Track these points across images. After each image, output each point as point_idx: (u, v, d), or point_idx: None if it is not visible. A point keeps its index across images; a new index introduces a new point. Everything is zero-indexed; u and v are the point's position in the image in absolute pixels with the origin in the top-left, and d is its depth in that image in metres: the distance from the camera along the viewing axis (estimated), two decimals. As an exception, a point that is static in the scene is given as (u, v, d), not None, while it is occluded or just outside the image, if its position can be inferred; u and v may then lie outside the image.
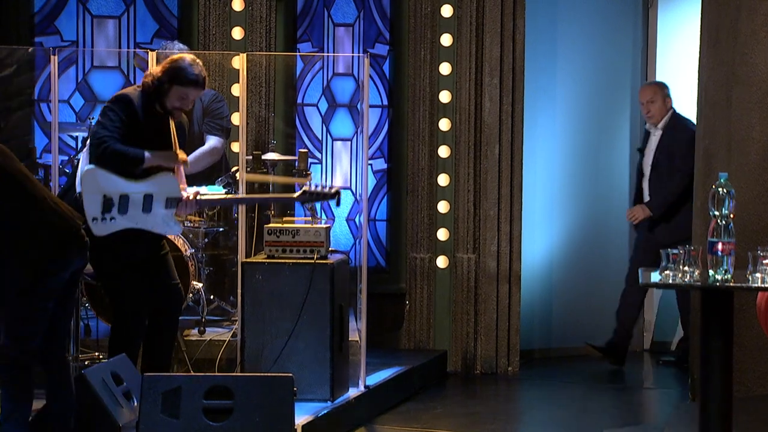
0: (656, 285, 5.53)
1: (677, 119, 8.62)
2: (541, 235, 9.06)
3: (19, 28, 8.96)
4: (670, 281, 5.40)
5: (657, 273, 5.48)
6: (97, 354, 7.52)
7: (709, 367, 5.40)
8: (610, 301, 9.19)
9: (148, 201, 6.46)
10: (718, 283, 5.31)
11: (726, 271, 5.32)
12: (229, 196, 7.38)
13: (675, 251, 5.42)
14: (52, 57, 7.30)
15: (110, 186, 6.42)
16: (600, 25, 9.30)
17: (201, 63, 6.61)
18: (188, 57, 6.60)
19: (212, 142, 7.98)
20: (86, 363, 7.17)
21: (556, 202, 9.17)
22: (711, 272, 5.34)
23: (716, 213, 5.38)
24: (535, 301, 9.03)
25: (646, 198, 8.66)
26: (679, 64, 9.32)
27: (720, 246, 5.33)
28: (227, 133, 8.07)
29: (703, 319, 5.44)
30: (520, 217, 8.63)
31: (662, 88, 8.70)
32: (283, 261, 7.04)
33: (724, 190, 5.38)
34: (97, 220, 6.41)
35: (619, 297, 8.79)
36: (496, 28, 8.55)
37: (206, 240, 7.93)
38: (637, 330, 9.52)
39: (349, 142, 9.06)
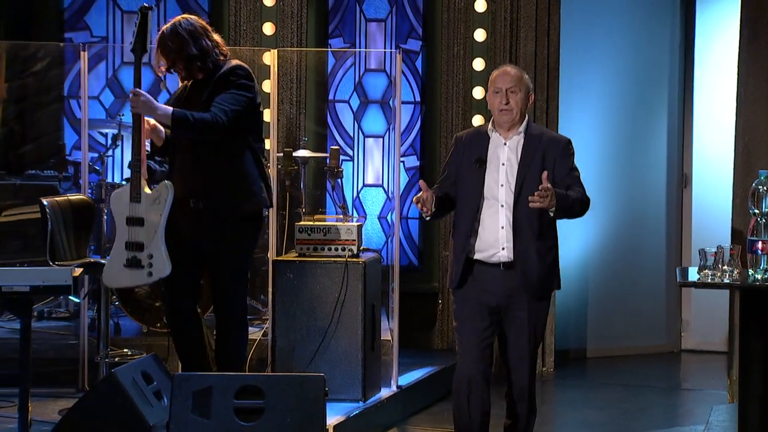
0: (694, 284, 5.47)
1: (534, 125, 5.93)
2: (576, 235, 8.94)
3: (49, 23, 9.06)
4: (709, 280, 5.36)
5: (695, 271, 5.42)
6: (126, 351, 7.61)
7: (749, 368, 5.38)
8: (645, 302, 9.24)
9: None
10: (758, 283, 5.33)
11: (766, 270, 5.32)
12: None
13: (713, 249, 5.37)
14: (81, 53, 7.35)
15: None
16: (637, 19, 9.26)
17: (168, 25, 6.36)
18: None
19: None
20: (116, 360, 7.23)
21: (591, 201, 9.07)
22: (750, 271, 5.32)
23: (756, 211, 5.35)
24: (570, 302, 8.98)
25: (502, 237, 5.70)
26: (719, 58, 9.28)
27: (760, 245, 5.33)
28: None
29: (743, 318, 5.38)
30: (555, 218, 8.58)
31: (525, 76, 5.89)
32: (314, 259, 7.01)
33: (765, 188, 5.36)
34: None
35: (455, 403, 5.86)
36: (530, 23, 8.56)
37: (237, 238, 7.91)
38: (675, 330, 9.49)
39: (381, 139, 9.08)
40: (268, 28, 8.59)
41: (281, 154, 7.69)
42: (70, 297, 8.41)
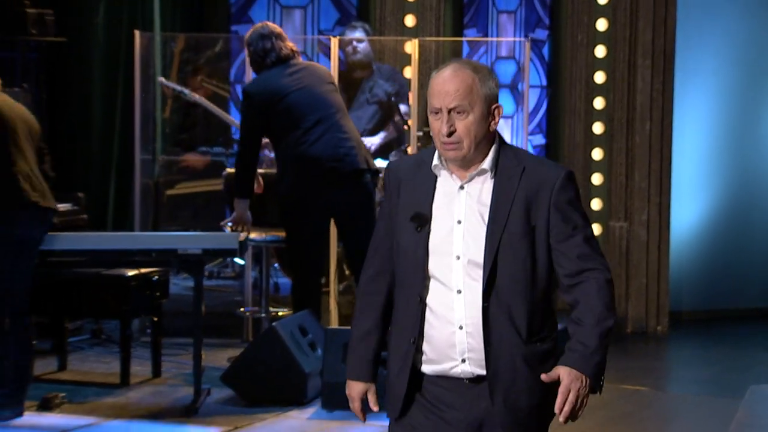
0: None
1: (509, 150, 3.41)
2: (689, 206, 9.04)
3: (218, 17, 9.45)
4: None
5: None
6: (284, 307, 7.95)
7: None
8: (754, 265, 9.24)
9: None
10: None
11: None
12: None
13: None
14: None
15: None
16: (751, 7, 9.16)
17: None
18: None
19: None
20: (278, 314, 7.60)
21: (703, 175, 9.09)
22: None
23: None
24: (683, 266, 9.01)
25: (461, 343, 3.38)
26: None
27: None
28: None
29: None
30: (669, 190, 8.67)
31: (485, 79, 3.33)
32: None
33: None
34: None
35: None
36: (649, 13, 8.55)
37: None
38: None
39: (510, 120, 9.23)
40: (410, 20, 8.71)
41: (421, 133, 7.94)
42: (236, 259, 8.74)
